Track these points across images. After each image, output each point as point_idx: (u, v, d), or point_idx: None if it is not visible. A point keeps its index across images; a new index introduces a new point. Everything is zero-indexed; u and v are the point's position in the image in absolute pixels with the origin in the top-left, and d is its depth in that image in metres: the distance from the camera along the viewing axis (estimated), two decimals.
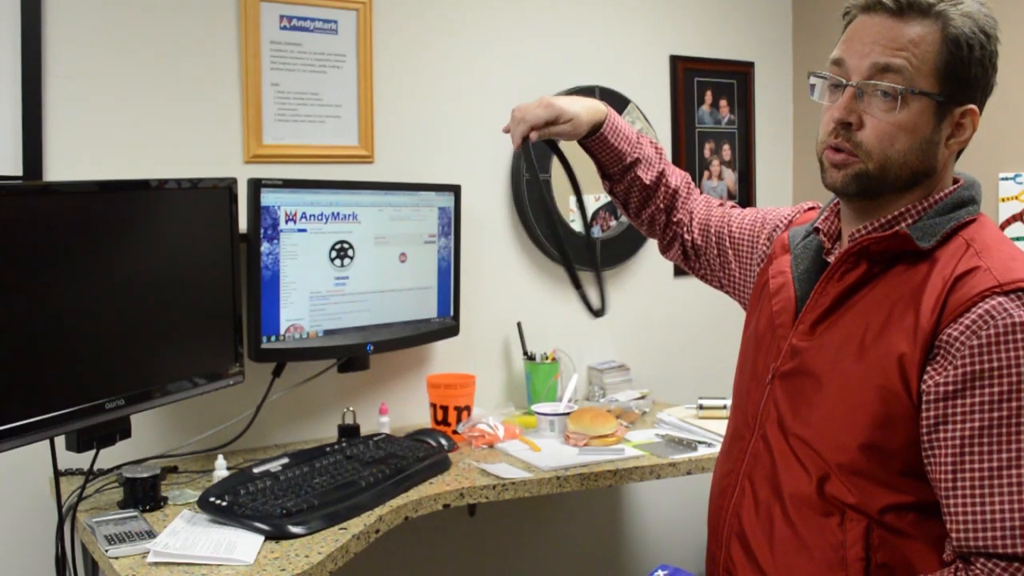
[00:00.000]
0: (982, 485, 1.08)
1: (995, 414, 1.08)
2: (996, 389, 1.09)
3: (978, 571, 1.08)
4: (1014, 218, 2.59)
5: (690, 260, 1.72)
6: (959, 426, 1.10)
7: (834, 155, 1.23)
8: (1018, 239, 2.56)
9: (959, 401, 1.10)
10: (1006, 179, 2.60)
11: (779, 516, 1.25)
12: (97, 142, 2.09)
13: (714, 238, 1.66)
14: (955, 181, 1.27)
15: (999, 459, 1.08)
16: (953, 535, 1.11)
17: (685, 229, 1.70)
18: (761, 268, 1.50)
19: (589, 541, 2.80)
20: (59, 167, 2.04)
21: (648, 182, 1.67)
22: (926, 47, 1.17)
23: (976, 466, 1.09)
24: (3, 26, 1.98)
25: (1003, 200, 2.61)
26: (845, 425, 1.19)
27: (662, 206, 1.70)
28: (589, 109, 1.61)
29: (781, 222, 1.55)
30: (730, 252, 1.63)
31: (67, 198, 1.69)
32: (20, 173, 1.99)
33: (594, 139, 1.63)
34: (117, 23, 2.11)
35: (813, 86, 1.28)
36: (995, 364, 1.09)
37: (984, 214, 1.27)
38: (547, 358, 2.58)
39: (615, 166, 1.66)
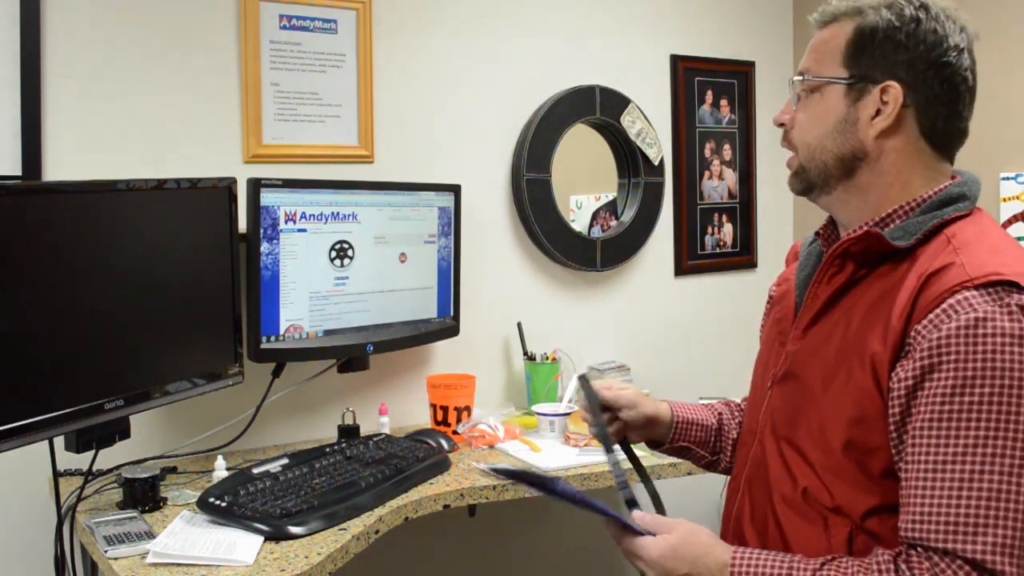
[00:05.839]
0: (926, 476, 1.07)
1: (947, 407, 1.07)
2: (950, 382, 1.07)
3: (912, 561, 1.07)
4: (1015, 218, 2.59)
5: None
6: (916, 419, 1.09)
7: (788, 161, 1.32)
8: (1019, 239, 2.56)
9: (918, 394, 1.09)
10: (1007, 179, 2.60)
11: (771, 522, 1.25)
12: (97, 142, 2.09)
13: None
14: (953, 177, 1.25)
15: (945, 452, 1.06)
16: (900, 524, 1.10)
17: None
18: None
19: (589, 541, 2.80)
20: (59, 167, 2.04)
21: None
22: (835, 42, 1.24)
23: (923, 457, 1.08)
24: (3, 26, 1.97)
25: (1004, 200, 2.61)
26: (827, 426, 1.19)
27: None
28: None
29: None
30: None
31: (67, 198, 1.69)
32: (19, 173, 1.99)
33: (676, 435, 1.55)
34: (116, 23, 2.10)
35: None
36: (952, 357, 1.07)
37: (981, 209, 1.23)
38: (547, 358, 2.57)
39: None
